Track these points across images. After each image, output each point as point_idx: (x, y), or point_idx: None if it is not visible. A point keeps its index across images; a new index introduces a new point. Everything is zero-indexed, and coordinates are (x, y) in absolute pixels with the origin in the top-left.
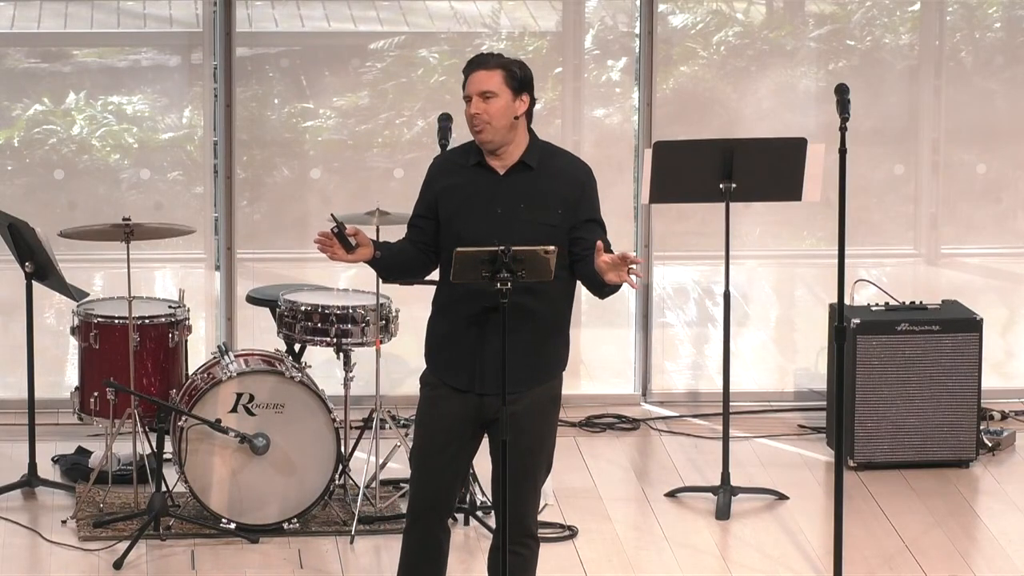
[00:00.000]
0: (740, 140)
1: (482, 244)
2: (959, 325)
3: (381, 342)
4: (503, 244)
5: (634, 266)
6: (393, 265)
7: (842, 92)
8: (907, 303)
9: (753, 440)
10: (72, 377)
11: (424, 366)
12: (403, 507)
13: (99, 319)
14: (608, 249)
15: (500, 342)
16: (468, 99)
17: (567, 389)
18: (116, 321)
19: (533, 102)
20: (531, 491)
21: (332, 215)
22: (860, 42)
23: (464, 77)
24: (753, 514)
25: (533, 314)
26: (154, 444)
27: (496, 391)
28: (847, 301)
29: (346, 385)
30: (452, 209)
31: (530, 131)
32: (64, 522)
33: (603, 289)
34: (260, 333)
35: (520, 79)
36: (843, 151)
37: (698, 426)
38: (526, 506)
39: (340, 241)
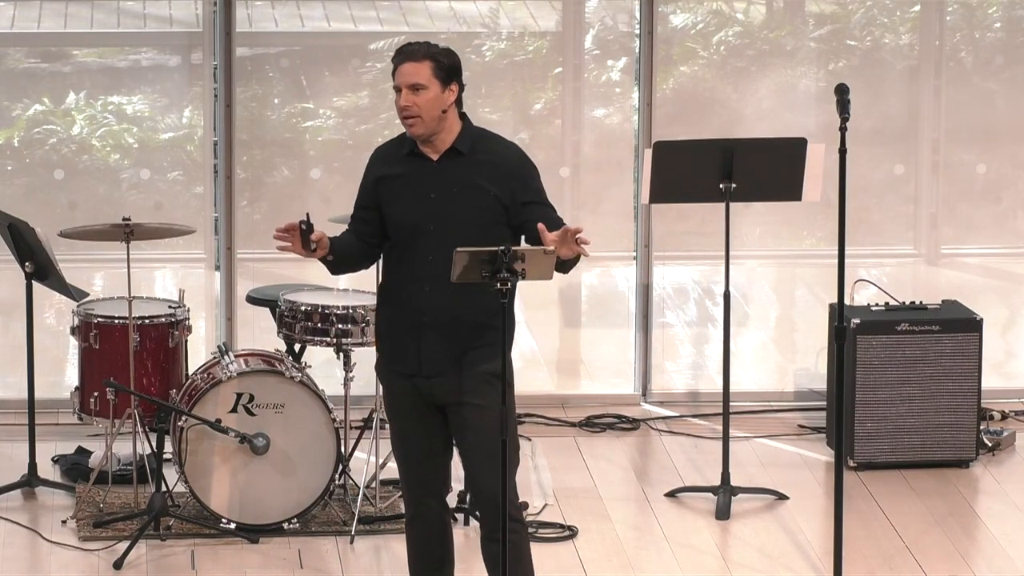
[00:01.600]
0: (740, 140)
1: (418, 229)
2: (959, 325)
3: None
4: (438, 228)
5: (580, 235)
6: (341, 259)
7: (842, 92)
8: (907, 303)
9: (753, 440)
10: (72, 377)
11: None
12: (403, 507)
13: (99, 319)
14: (555, 227)
15: (436, 325)
16: (398, 90)
17: (567, 389)
18: (116, 321)
19: (462, 88)
20: (493, 468)
21: (307, 215)
22: (860, 42)
23: (393, 67)
24: (753, 514)
25: (471, 297)
26: (154, 444)
27: (438, 373)
28: (847, 301)
29: (346, 385)
30: (389, 197)
31: (462, 116)
32: (64, 522)
33: (563, 265)
34: (260, 333)
35: (448, 68)
36: (843, 151)
37: (698, 426)
38: (492, 486)
39: (302, 238)
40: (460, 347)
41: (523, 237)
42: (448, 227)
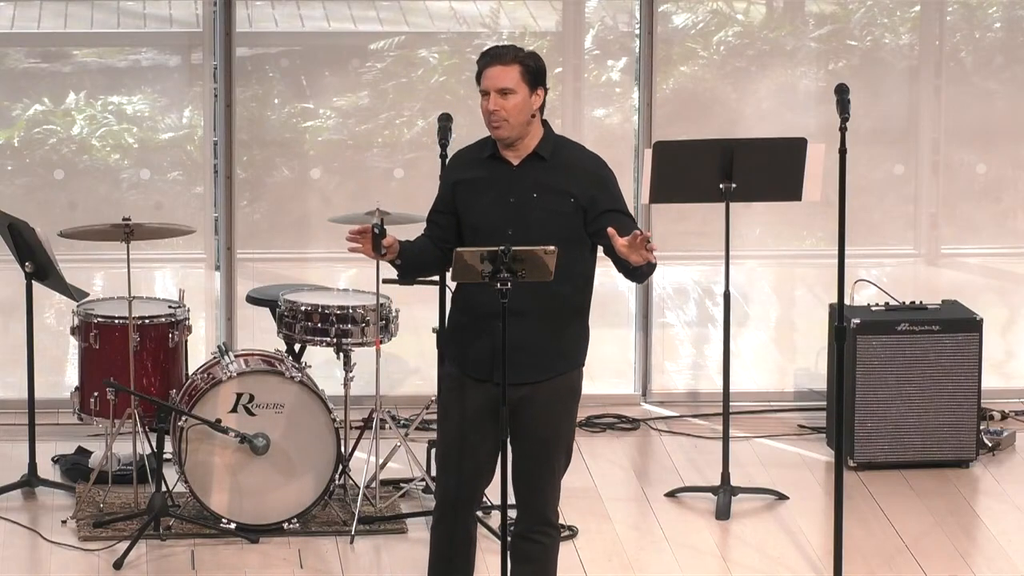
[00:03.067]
0: (740, 140)
1: (497, 233)
2: (959, 325)
3: (381, 342)
4: (517, 232)
5: (648, 242)
6: (412, 264)
7: (842, 92)
8: (907, 303)
9: (753, 440)
10: (72, 377)
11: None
12: (403, 507)
13: (99, 319)
14: (625, 233)
15: (517, 332)
16: (485, 93)
17: None
18: (116, 321)
19: (546, 93)
20: (549, 481)
21: (381, 220)
22: (860, 42)
23: (479, 69)
24: (753, 514)
25: (551, 302)
26: (154, 444)
27: (514, 380)
28: (847, 301)
29: (346, 385)
30: (467, 201)
31: (544, 122)
32: (64, 522)
33: (635, 273)
34: (260, 333)
35: (535, 72)
36: (843, 151)
37: (698, 426)
38: (545, 495)
39: (374, 241)
40: (539, 357)
41: (601, 246)
42: (527, 231)
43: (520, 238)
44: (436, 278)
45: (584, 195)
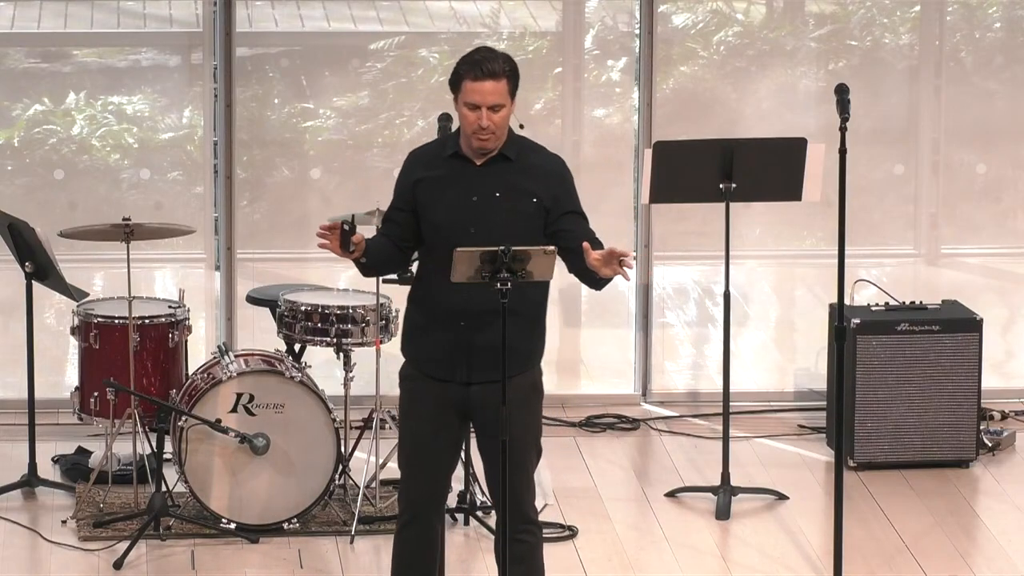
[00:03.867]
0: (740, 140)
1: (459, 231)
2: (959, 325)
3: (381, 342)
4: (479, 231)
5: (624, 258)
6: (374, 262)
7: (842, 92)
8: (907, 303)
9: (753, 440)
10: (72, 377)
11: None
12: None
13: (99, 319)
14: (597, 245)
15: (483, 331)
16: (474, 107)
17: (567, 389)
18: (116, 321)
19: None
20: (525, 479)
21: (352, 217)
22: (860, 42)
23: (466, 79)
24: (753, 514)
25: (514, 302)
26: (154, 444)
27: (479, 379)
28: (847, 301)
29: (346, 385)
30: (429, 199)
31: None
32: (64, 522)
33: (598, 282)
34: (260, 333)
35: (517, 82)
36: (843, 151)
37: (698, 426)
38: (521, 494)
39: (342, 238)
40: (499, 355)
41: (560, 248)
42: (489, 230)
43: (482, 237)
44: (396, 276)
45: (547, 195)
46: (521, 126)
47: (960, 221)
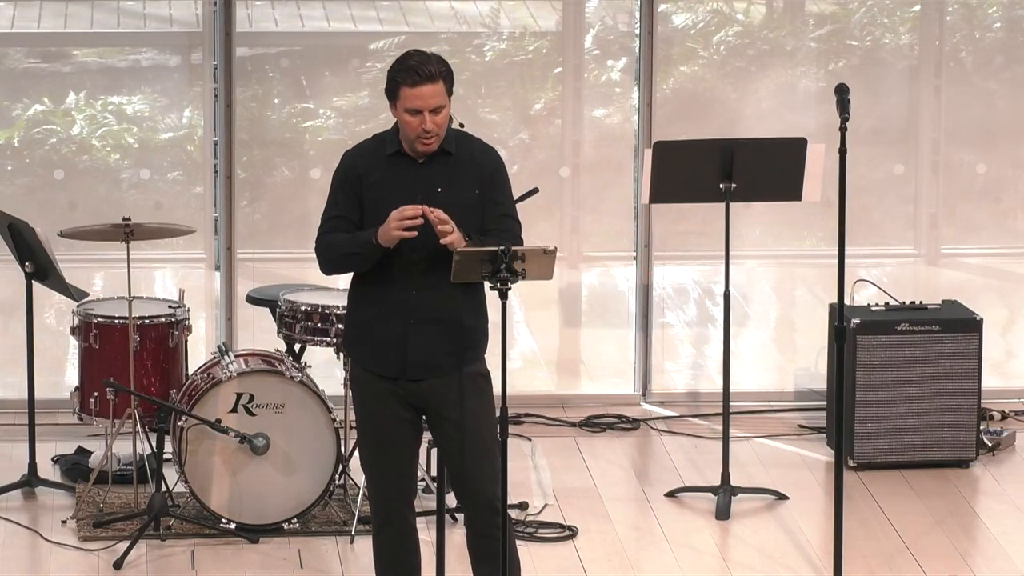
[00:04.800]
0: (740, 140)
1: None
2: (959, 325)
3: None
4: (422, 229)
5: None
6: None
7: (842, 92)
8: (907, 303)
9: (753, 440)
10: (72, 377)
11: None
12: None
13: (99, 319)
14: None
15: (424, 327)
16: (415, 112)
17: (567, 389)
18: (116, 321)
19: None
20: (490, 471)
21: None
22: (860, 42)
23: (404, 86)
24: (753, 514)
25: (452, 296)
26: (154, 444)
27: (425, 376)
28: (847, 301)
29: (346, 385)
30: (376, 198)
31: None
32: (64, 522)
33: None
34: (260, 333)
35: (452, 81)
36: (843, 151)
37: (698, 426)
38: (487, 487)
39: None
40: (448, 349)
41: None
42: (433, 227)
43: (426, 234)
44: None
45: (485, 188)
46: (461, 124)
47: (960, 221)
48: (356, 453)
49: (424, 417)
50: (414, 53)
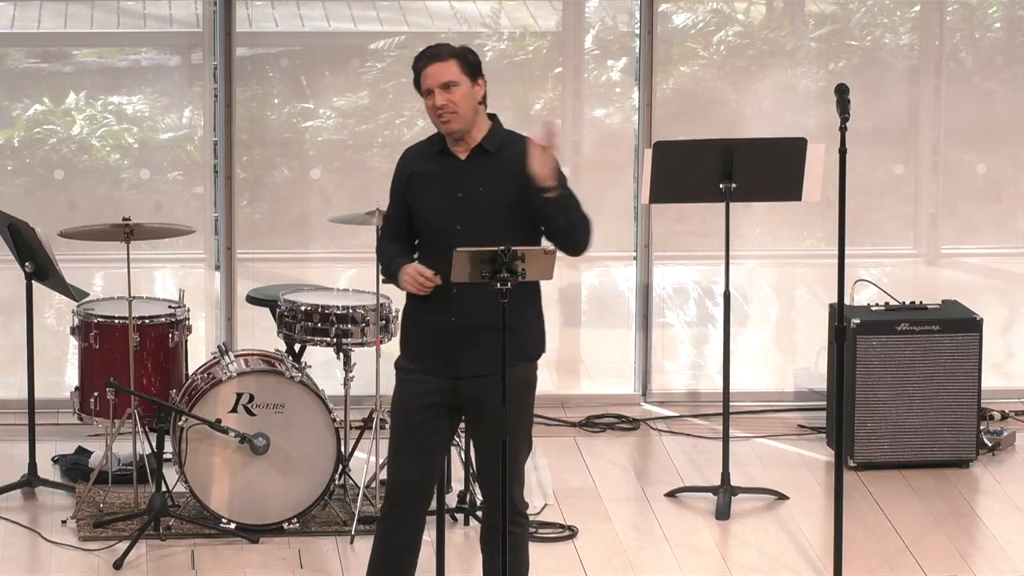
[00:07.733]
0: (740, 140)
1: (446, 228)
2: (959, 325)
3: (381, 342)
4: (465, 227)
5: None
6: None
7: (842, 92)
8: (907, 303)
9: (753, 440)
10: (72, 377)
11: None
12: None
13: (99, 319)
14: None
15: (465, 327)
16: (429, 93)
17: (567, 389)
18: (116, 321)
19: (486, 84)
20: (516, 472)
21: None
22: (860, 42)
23: (416, 74)
24: (753, 514)
25: (499, 299)
26: (154, 444)
27: (469, 374)
28: (847, 301)
29: (346, 385)
30: (419, 195)
31: (491, 116)
32: (64, 522)
33: (554, 221)
34: (260, 333)
35: (473, 64)
36: (843, 151)
37: (698, 426)
38: (512, 487)
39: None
40: (489, 350)
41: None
42: (475, 226)
43: (469, 233)
44: None
45: (528, 181)
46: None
47: (960, 221)
48: (356, 453)
49: (463, 415)
50: (431, 45)
